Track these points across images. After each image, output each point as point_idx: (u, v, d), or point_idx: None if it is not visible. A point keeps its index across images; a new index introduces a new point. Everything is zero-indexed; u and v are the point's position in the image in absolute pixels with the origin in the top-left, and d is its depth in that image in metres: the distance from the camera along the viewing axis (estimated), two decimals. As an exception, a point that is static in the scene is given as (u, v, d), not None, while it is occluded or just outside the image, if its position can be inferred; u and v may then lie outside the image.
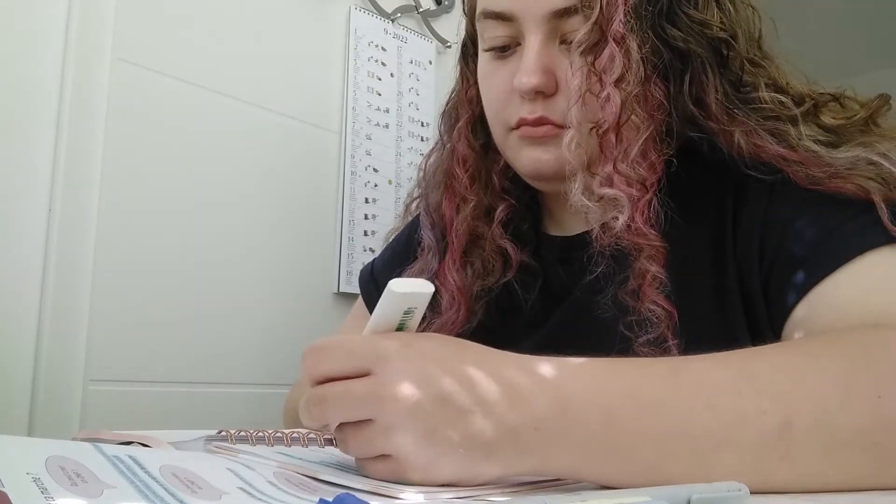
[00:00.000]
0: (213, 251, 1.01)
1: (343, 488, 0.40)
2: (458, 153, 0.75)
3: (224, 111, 1.03)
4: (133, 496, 0.33)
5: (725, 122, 0.62)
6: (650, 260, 0.59)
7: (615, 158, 0.60)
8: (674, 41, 0.62)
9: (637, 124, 0.60)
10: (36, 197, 0.86)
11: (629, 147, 0.60)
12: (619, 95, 0.59)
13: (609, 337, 0.65)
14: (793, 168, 0.60)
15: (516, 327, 0.72)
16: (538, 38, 0.64)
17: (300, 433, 0.56)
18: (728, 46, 0.63)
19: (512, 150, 0.69)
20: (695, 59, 0.62)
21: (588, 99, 0.61)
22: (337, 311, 1.12)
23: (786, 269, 0.58)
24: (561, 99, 0.64)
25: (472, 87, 0.75)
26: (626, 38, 0.60)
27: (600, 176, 0.60)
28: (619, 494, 0.37)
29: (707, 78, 0.62)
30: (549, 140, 0.65)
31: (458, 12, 1.29)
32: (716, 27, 0.62)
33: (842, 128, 0.61)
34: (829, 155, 0.59)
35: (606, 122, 0.60)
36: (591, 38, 0.60)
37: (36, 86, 0.87)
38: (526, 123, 0.65)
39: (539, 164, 0.66)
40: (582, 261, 0.68)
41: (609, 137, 0.60)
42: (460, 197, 0.74)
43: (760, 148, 0.61)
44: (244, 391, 1.04)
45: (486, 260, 0.73)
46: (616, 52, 0.59)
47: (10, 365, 0.83)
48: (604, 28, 0.60)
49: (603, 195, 0.60)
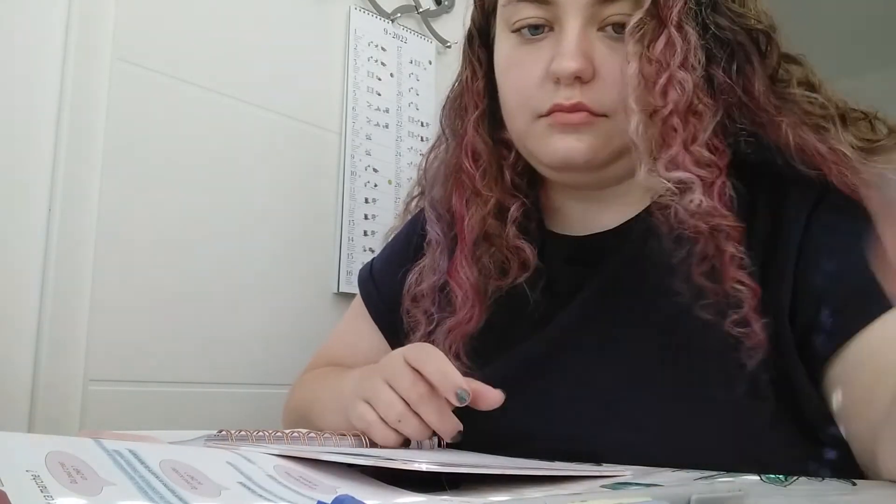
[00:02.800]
0: (213, 251, 1.01)
1: (347, 467, 0.40)
2: (469, 146, 0.73)
3: (224, 111, 1.03)
4: (133, 493, 0.33)
5: (774, 113, 0.62)
6: (728, 239, 0.58)
7: (684, 141, 0.60)
8: (721, 31, 0.62)
9: (703, 109, 0.61)
10: (36, 197, 0.86)
11: (697, 131, 0.60)
12: (689, 78, 0.59)
13: (620, 342, 0.64)
14: (832, 168, 0.60)
15: (521, 326, 0.71)
16: (578, 22, 0.63)
17: (300, 433, 0.56)
18: (768, 39, 0.63)
19: (537, 139, 0.67)
20: (739, 50, 0.63)
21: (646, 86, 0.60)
22: (337, 311, 1.11)
23: (825, 304, 0.57)
24: (598, 86, 0.63)
25: (482, 80, 0.73)
26: (684, 24, 0.60)
27: (664, 160, 0.60)
28: (620, 495, 0.37)
29: (752, 68, 0.62)
30: (584, 128, 0.64)
31: (459, 12, 1.29)
32: (754, 19, 0.62)
33: (869, 145, 0.61)
34: (863, 164, 0.59)
35: (670, 106, 0.60)
36: (647, 25, 0.60)
37: (36, 86, 0.87)
38: (561, 109, 0.64)
39: (571, 153, 0.65)
40: (592, 261, 0.68)
41: (673, 122, 0.60)
42: (471, 191, 0.72)
43: (805, 142, 0.61)
44: (244, 391, 1.03)
45: (501, 259, 0.71)
46: (676, 37, 0.60)
47: (10, 365, 0.83)
48: (660, 15, 0.60)
49: (672, 178, 0.60)
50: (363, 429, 0.61)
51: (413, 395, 0.59)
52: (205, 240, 1.00)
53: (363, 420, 0.61)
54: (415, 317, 0.75)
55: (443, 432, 0.60)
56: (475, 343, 0.71)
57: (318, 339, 0.96)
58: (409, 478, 0.44)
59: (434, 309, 0.73)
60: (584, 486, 0.44)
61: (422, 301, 0.74)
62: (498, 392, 0.59)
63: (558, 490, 0.43)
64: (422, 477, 0.44)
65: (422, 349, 0.62)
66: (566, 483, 0.45)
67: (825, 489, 0.46)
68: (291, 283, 1.09)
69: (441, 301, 0.73)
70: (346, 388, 0.70)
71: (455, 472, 0.45)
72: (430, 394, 0.59)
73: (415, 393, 0.59)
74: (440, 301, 0.73)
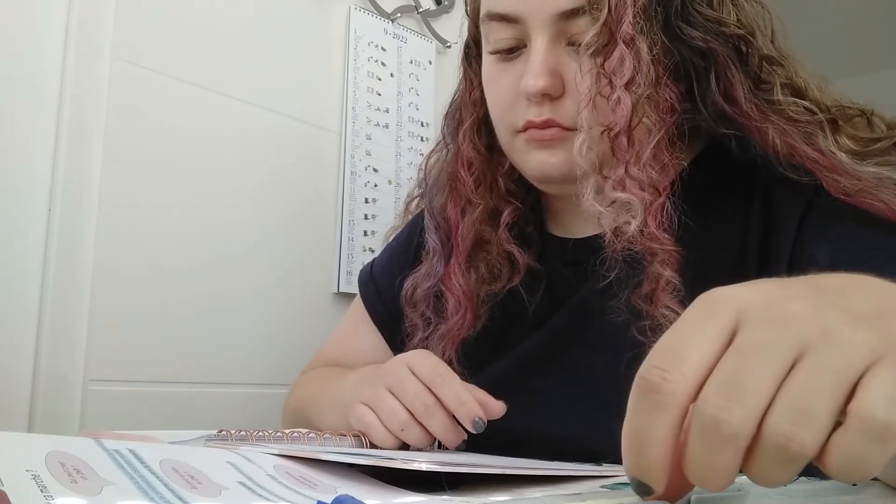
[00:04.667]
0: (213, 251, 1.01)
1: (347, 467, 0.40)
2: (463, 156, 0.74)
3: (224, 111, 1.03)
4: (133, 493, 0.33)
5: (759, 119, 0.61)
6: (664, 264, 0.58)
7: (627, 162, 0.59)
8: (692, 41, 0.62)
9: (649, 127, 0.60)
10: (36, 197, 0.86)
11: (641, 150, 0.59)
12: (629, 98, 0.59)
13: (618, 341, 0.64)
14: (824, 174, 0.59)
15: (520, 330, 0.72)
16: (544, 39, 0.63)
17: (300, 433, 0.57)
18: (747, 43, 0.62)
19: (518, 153, 0.68)
20: (717, 57, 0.62)
21: (598, 102, 0.60)
22: (337, 311, 1.11)
23: None
24: (568, 101, 0.63)
25: (476, 90, 0.74)
26: (636, 39, 0.59)
27: (612, 179, 0.60)
28: (620, 495, 0.37)
29: (732, 74, 0.62)
30: (557, 143, 0.64)
31: (458, 12, 1.29)
32: (732, 24, 0.62)
33: (865, 145, 0.61)
34: (855, 167, 0.58)
35: (617, 125, 0.59)
36: (600, 40, 0.60)
37: (36, 86, 0.87)
38: (533, 126, 0.64)
39: (546, 167, 0.66)
40: (590, 263, 0.68)
41: (620, 141, 0.59)
42: (465, 200, 0.73)
43: (794, 148, 0.60)
44: (244, 391, 1.03)
45: (493, 264, 0.72)
46: (626, 54, 0.59)
47: (10, 365, 0.83)
48: (613, 29, 0.59)
49: (615, 199, 0.59)
50: (363, 430, 0.61)
51: (419, 406, 0.59)
52: (205, 240, 1.00)
53: (363, 422, 0.61)
54: (413, 321, 0.75)
55: (448, 443, 0.59)
56: (473, 347, 0.71)
57: (318, 339, 0.96)
58: (408, 478, 0.44)
59: (430, 314, 0.73)
60: (584, 486, 0.44)
61: (419, 306, 0.75)
62: (500, 403, 0.59)
63: (558, 490, 0.43)
64: (422, 477, 0.44)
65: (425, 361, 0.61)
66: (566, 483, 0.45)
67: (825, 489, 0.46)
68: (291, 283, 1.09)
69: (437, 307, 0.73)
70: (346, 389, 0.70)
71: (455, 472, 0.45)
72: (436, 405, 0.59)
73: (420, 404, 0.59)
74: (436, 307, 0.73)
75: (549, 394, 0.67)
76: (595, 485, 0.45)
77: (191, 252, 0.99)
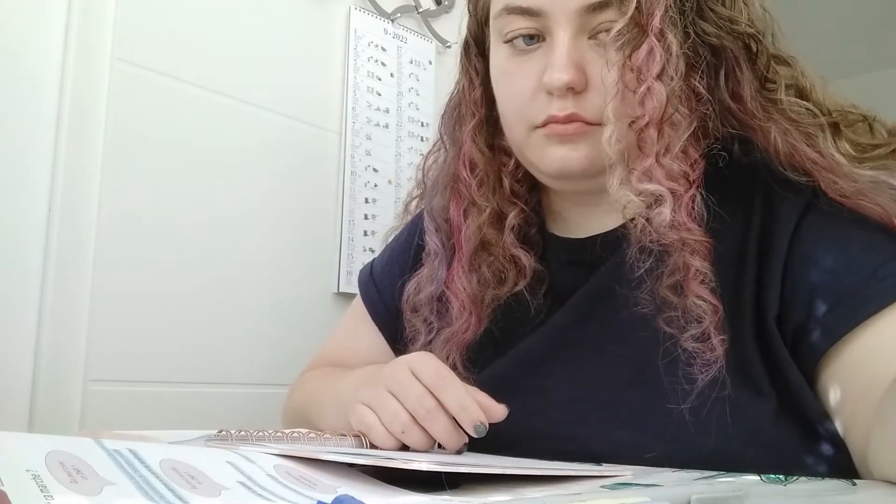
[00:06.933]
0: (213, 251, 1.01)
1: (347, 467, 0.40)
2: (466, 156, 0.73)
3: (224, 111, 1.03)
4: (133, 493, 0.33)
5: (763, 119, 0.61)
6: (694, 254, 0.58)
7: (657, 153, 0.59)
8: (706, 37, 0.62)
9: (679, 120, 0.60)
10: (36, 197, 0.86)
11: (671, 142, 0.59)
12: (664, 90, 0.58)
13: (620, 341, 0.64)
14: (822, 175, 0.59)
15: (521, 330, 0.71)
16: (568, 32, 0.62)
17: (300, 433, 0.56)
18: (756, 42, 0.62)
19: (535, 150, 0.67)
20: (727, 54, 0.62)
21: (626, 94, 0.60)
22: (337, 311, 1.11)
23: (817, 305, 0.58)
24: (592, 95, 0.63)
25: (478, 89, 0.73)
26: (666, 32, 0.59)
27: (639, 171, 0.59)
28: (619, 495, 0.37)
29: (741, 73, 0.62)
30: (579, 137, 0.64)
31: (458, 12, 1.29)
32: (744, 23, 0.62)
33: (865, 150, 0.61)
34: (853, 170, 0.59)
35: (647, 117, 0.59)
36: (629, 33, 0.59)
37: (36, 86, 0.87)
38: (555, 121, 0.64)
39: (568, 163, 0.65)
40: (592, 262, 0.68)
41: (649, 132, 0.59)
42: (468, 201, 0.72)
43: (795, 148, 0.60)
44: (244, 391, 1.03)
45: (497, 268, 0.71)
46: (656, 47, 0.59)
47: (11, 365, 0.83)
48: (642, 22, 0.59)
49: (643, 190, 0.59)
50: (363, 431, 0.60)
51: (420, 410, 0.58)
52: (205, 240, 1.00)
53: (363, 422, 0.60)
54: (415, 326, 0.75)
55: (449, 447, 0.59)
56: (476, 352, 0.71)
57: (318, 339, 0.96)
58: (409, 478, 0.44)
59: (433, 318, 0.73)
60: (584, 486, 0.44)
61: (421, 310, 0.74)
62: (502, 407, 0.59)
63: (558, 490, 0.43)
64: (422, 477, 0.44)
65: (427, 363, 0.61)
66: (566, 483, 0.45)
67: (824, 489, 0.46)
68: (291, 283, 1.09)
69: (440, 310, 0.73)
70: (346, 390, 0.70)
71: (455, 472, 0.45)
72: (438, 409, 0.58)
73: (422, 408, 0.58)
74: (439, 310, 0.73)
75: (549, 393, 0.67)
76: (595, 485, 0.45)
77: (190, 252, 0.99)
